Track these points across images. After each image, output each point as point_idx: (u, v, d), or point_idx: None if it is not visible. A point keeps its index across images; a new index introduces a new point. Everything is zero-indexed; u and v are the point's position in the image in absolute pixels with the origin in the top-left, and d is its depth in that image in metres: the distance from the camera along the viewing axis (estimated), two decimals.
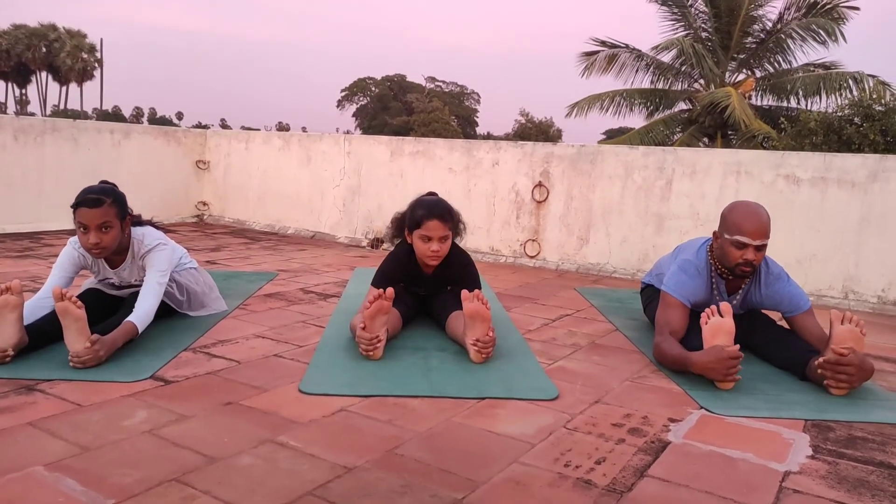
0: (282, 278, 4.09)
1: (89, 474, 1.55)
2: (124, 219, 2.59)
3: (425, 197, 2.96)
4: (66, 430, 1.78)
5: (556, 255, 5.06)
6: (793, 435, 2.00)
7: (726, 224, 2.57)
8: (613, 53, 16.74)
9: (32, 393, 2.03)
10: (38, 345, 2.36)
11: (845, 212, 4.12)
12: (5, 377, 2.13)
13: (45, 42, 53.46)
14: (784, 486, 1.67)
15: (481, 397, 2.17)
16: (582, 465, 1.72)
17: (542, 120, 39.27)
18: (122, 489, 1.49)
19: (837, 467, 1.80)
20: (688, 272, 2.69)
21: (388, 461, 1.70)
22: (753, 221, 2.51)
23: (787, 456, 1.85)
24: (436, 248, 2.76)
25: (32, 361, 2.27)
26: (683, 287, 2.66)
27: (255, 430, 1.85)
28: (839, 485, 1.69)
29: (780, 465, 1.79)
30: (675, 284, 2.68)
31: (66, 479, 1.52)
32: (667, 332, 2.59)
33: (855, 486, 1.69)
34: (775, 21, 16.02)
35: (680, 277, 2.69)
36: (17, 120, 5.73)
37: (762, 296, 2.70)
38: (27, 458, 1.61)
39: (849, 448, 1.93)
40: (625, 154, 4.84)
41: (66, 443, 1.71)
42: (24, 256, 4.37)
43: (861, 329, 2.29)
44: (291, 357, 2.53)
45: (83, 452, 1.66)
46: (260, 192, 6.65)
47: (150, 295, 2.57)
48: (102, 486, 1.50)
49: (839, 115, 8.96)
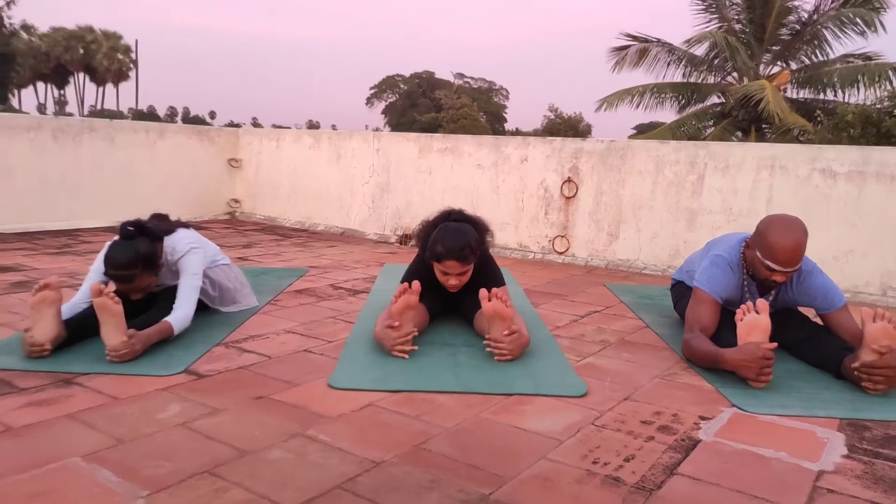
0: (312, 274, 4.13)
1: (124, 466, 1.58)
2: (156, 267, 2.62)
3: (449, 225, 2.75)
4: (102, 422, 1.83)
5: (585, 251, 5.03)
6: (827, 434, 1.96)
7: (759, 243, 2.48)
8: (644, 48, 16.54)
9: (70, 386, 2.08)
10: (76, 339, 2.42)
11: (884, 206, 4.01)
12: (44, 370, 2.19)
13: (83, 44, 54.60)
14: (818, 485, 1.64)
15: (509, 393, 2.17)
16: (610, 463, 1.71)
17: (572, 115, 38.92)
18: (156, 480, 1.52)
19: (874, 467, 1.76)
20: (720, 266, 2.64)
21: (415, 456, 1.71)
22: (786, 252, 2.40)
23: (822, 455, 1.81)
24: (454, 283, 2.75)
25: (70, 355, 2.32)
26: (715, 282, 2.62)
27: (286, 423, 1.87)
28: (875, 485, 1.66)
29: (814, 464, 1.76)
30: (706, 280, 2.63)
31: (102, 470, 1.56)
32: (697, 328, 2.56)
33: (892, 486, 1.65)
34: (811, 12, 15.68)
35: (712, 272, 2.64)
36: (56, 120, 5.87)
37: (794, 292, 2.64)
38: (65, 449, 1.66)
39: (885, 448, 1.88)
40: (655, 149, 4.78)
41: (103, 435, 1.75)
42: (62, 253, 4.48)
43: (894, 326, 2.24)
44: (321, 352, 2.55)
45: (119, 444, 1.70)
46: (290, 190, 6.72)
47: (187, 301, 2.61)
48: (137, 478, 1.53)
49: (878, 107, 8.73)
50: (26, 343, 2.26)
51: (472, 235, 2.72)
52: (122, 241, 2.51)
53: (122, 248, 2.49)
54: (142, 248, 2.52)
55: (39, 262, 4.14)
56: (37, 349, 2.26)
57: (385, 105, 56.85)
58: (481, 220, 2.89)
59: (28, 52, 50.77)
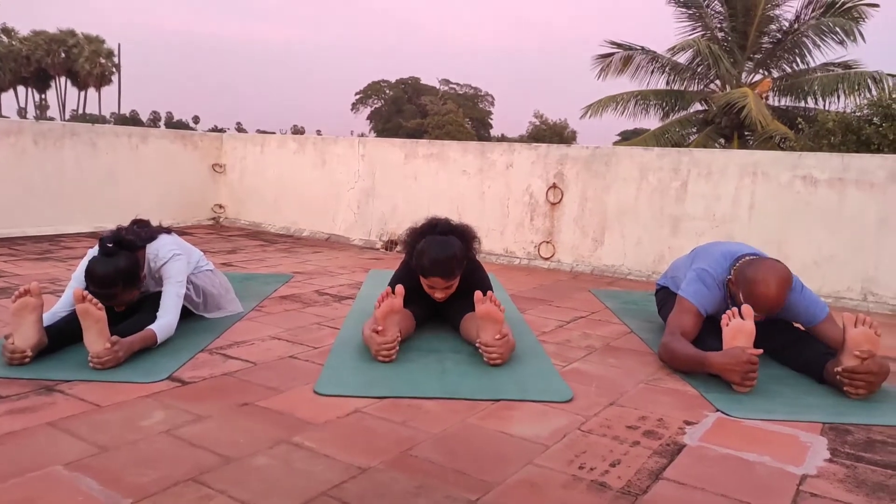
0: (297, 280, 4.11)
1: (107, 474, 1.57)
2: (139, 281, 2.60)
3: (435, 239, 2.74)
4: (84, 430, 1.80)
5: (571, 256, 5.05)
6: (810, 438, 1.98)
7: (744, 288, 2.49)
8: (629, 55, 16.66)
9: (52, 393, 2.06)
10: (58, 346, 2.39)
11: (864, 213, 4.07)
12: (25, 378, 2.16)
13: (64, 48, 54.17)
14: (801, 489, 1.66)
15: (495, 399, 2.17)
16: (596, 468, 1.72)
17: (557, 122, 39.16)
18: (140, 488, 1.51)
19: (856, 471, 1.78)
20: (706, 283, 2.66)
21: (402, 462, 1.70)
22: (769, 302, 2.42)
23: (805, 459, 1.83)
24: (440, 296, 2.78)
25: (52, 362, 2.30)
26: (701, 297, 2.64)
27: (271, 430, 1.86)
28: (857, 488, 1.67)
29: (798, 468, 1.78)
30: (693, 293, 2.66)
31: (84, 479, 1.54)
32: (678, 333, 2.58)
33: (874, 489, 1.67)
34: (792, 21, 15.89)
35: (699, 287, 2.66)
36: (37, 124, 5.81)
37: (779, 312, 2.64)
38: (47, 457, 1.64)
39: (867, 451, 1.91)
40: (639, 155, 4.81)
41: (85, 442, 1.73)
42: (43, 259, 4.43)
43: (875, 330, 2.27)
44: (306, 358, 2.54)
45: (101, 452, 1.68)
46: (275, 195, 6.69)
47: (171, 309, 2.59)
48: (120, 486, 1.51)
49: (858, 115, 8.85)
50: (7, 350, 2.24)
51: (457, 248, 2.72)
52: (103, 257, 2.48)
53: (102, 264, 2.46)
54: (122, 264, 2.49)
55: (21, 267, 4.09)
56: (18, 356, 2.23)
57: (370, 111, 56.87)
58: (468, 229, 2.89)
59: (8, 55, 50.31)
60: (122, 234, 2.60)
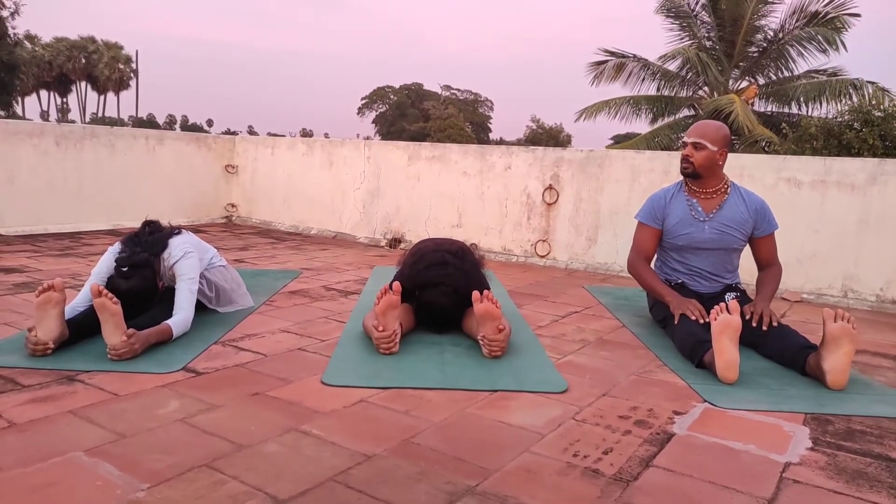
0: (305, 276, 4.11)
1: (125, 459, 1.57)
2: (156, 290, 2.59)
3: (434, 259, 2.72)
4: (103, 418, 1.81)
5: (566, 254, 5.05)
6: (793, 428, 1.98)
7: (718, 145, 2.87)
8: (621, 63, 16.61)
9: (73, 383, 2.06)
10: (78, 338, 2.39)
11: (845, 213, 4.07)
12: (48, 368, 2.16)
13: (85, 54, 54.16)
14: (784, 476, 1.66)
15: (494, 390, 2.17)
16: (590, 455, 1.72)
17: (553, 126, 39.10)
18: (156, 474, 1.51)
19: (836, 459, 1.78)
20: (652, 198, 3.07)
21: (404, 449, 1.70)
22: (695, 126, 2.90)
23: (788, 448, 1.83)
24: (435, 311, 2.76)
25: (72, 354, 2.30)
26: (644, 210, 3.06)
27: (280, 419, 1.86)
28: (838, 476, 1.67)
29: (781, 456, 1.78)
30: (639, 211, 3.08)
31: (104, 464, 1.54)
32: (641, 253, 3.02)
33: (853, 477, 1.67)
34: (777, 30, 15.83)
35: (644, 204, 3.08)
36: (59, 127, 5.81)
37: (748, 209, 2.95)
38: (68, 443, 1.64)
39: (847, 441, 1.91)
40: (631, 158, 4.81)
41: (104, 430, 1.73)
42: (64, 255, 4.43)
43: (853, 325, 2.27)
44: (314, 351, 2.54)
45: (120, 439, 1.68)
46: (285, 195, 6.69)
47: (185, 305, 2.58)
48: (138, 471, 1.52)
49: (839, 120, 8.83)
50: (30, 342, 2.24)
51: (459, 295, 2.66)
52: (120, 279, 2.47)
53: (120, 284, 2.45)
54: (138, 284, 2.49)
55: (43, 263, 4.09)
56: (40, 347, 2.23)
57: (376, 115, 56.81)
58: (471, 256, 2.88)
59: (31, 61, 50.23)
60: (135, 255, 2.55)
